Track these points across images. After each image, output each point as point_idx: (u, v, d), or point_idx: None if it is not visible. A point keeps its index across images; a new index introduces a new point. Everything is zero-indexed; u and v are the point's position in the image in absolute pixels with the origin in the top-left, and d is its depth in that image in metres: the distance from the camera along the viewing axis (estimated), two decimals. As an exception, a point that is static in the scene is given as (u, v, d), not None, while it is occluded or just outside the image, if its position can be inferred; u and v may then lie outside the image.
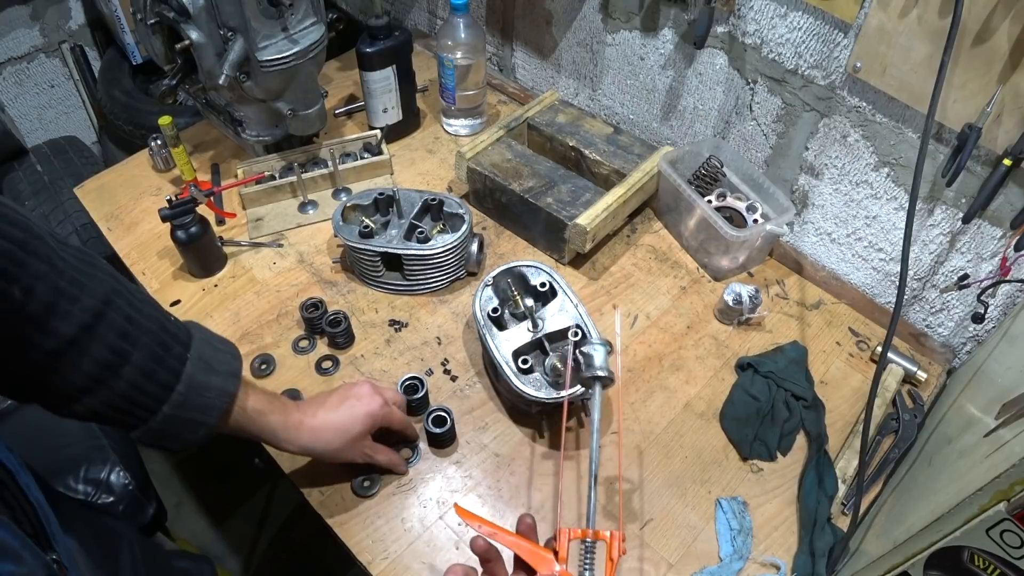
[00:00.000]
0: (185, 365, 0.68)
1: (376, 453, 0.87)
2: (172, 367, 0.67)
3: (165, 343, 0.67)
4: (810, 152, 1.11)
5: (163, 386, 0.67)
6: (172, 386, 0.67)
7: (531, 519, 0.67)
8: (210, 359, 0.71)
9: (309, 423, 0.80)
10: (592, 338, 0.81)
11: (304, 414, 0.80)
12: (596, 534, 0.66)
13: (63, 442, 1.15)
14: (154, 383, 0.66)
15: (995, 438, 0.70)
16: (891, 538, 0.74)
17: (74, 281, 0.60)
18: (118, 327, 0.63)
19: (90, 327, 0.61)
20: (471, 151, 1.23)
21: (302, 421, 0.80)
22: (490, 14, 1.51)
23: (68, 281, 0.59)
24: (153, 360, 0.66)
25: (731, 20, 1.09)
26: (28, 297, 0.57)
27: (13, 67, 1.94)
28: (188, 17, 1.05)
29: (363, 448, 0.85)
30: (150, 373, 0.65)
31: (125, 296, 0.65)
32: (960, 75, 0.86)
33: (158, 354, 0.66)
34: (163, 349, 0.67)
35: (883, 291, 1.15)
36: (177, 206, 1.07)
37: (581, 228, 1.10)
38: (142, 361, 0.65)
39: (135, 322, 0.64)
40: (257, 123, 1.27)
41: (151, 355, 0.65)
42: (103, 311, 0.62)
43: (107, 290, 0.63)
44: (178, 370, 0.68)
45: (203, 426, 0.70)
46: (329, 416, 0.82)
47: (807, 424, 0.99)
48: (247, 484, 1.80)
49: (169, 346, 0.67)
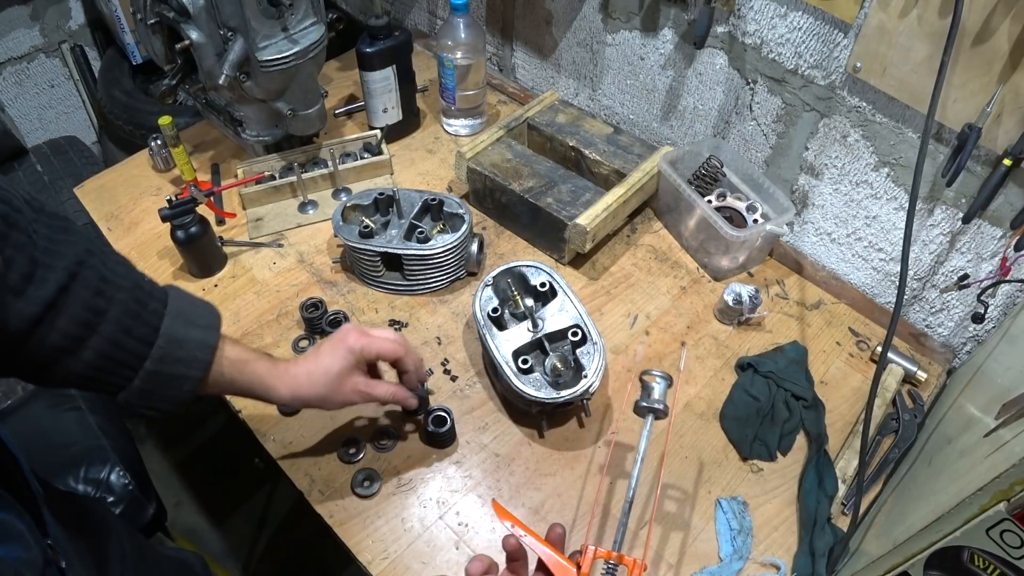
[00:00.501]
0: (163, 320, 0.68)
1: (372, 388, 0.84)
2: (150, 321, 0.67)
3: (141, 299, 0.68)
4: (810, 152, 1.11)
5: (142, 341, 0.67)
6: (151, 340, 0.67)
7: (562, 529, 0.68)
8: (188, 313, 0.71)
9: (293, 370, 0.80)
10: (655, 370, 0.82)
11: (289, 363, 0.81)
12: (620, 558, 0.69)
13: (63, 442, 1.15)
14: (133, 339, 0.66)
15: (995, 438, 0.70)
16: (891, 538, 0.74)
17: (48, 250, 0.61)
18: (92, 285, 0.64)
19: (65, 287, 0.62)
20: (471, 151, 1.23)
21: (287, 369, 0.80)
22: (490, 14, 1.51)
23: (42, 251, 0.61)
24: (130, 316, 0.66)
25: (731, 20, 1.09)
26: (8, 268, 0.58)
27: (13, 67, 1.94)
28: (188, 17, 1.05)
29: (355, 385, 0.83)
30: (128, 329, 0.66)
31: (99, 256, 0.65)
32: (960, 75, 0.86)
33: (134, 310, 0.66)
34: (139, 305, 0.67)
35: (883, 291, 1.15)
36: (177, 206, 1.07)
37: (581, 228, 1.10)
38: (119, 316, 0.65)
39: (109, 281, 0.65)
40: (257, 123, 1.27)
41: (127, 311, 0.66)
42: (77, 271, 0.63)
43: (80, 251, 0.64)
44: (156, 325, 0.68)
45: (188, 380, 0.70)
46: (310, 359, 0.81)
47: (807, 424, 0.99)
48: (247, 484, 1.80)
49: (145, 302, 0.68)
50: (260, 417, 0.98)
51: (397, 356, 0.85)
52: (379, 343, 0.83)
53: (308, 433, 0.97)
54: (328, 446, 0.95)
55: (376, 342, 0.83)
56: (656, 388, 0.80)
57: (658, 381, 0.81)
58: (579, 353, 0.95)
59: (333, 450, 0.95)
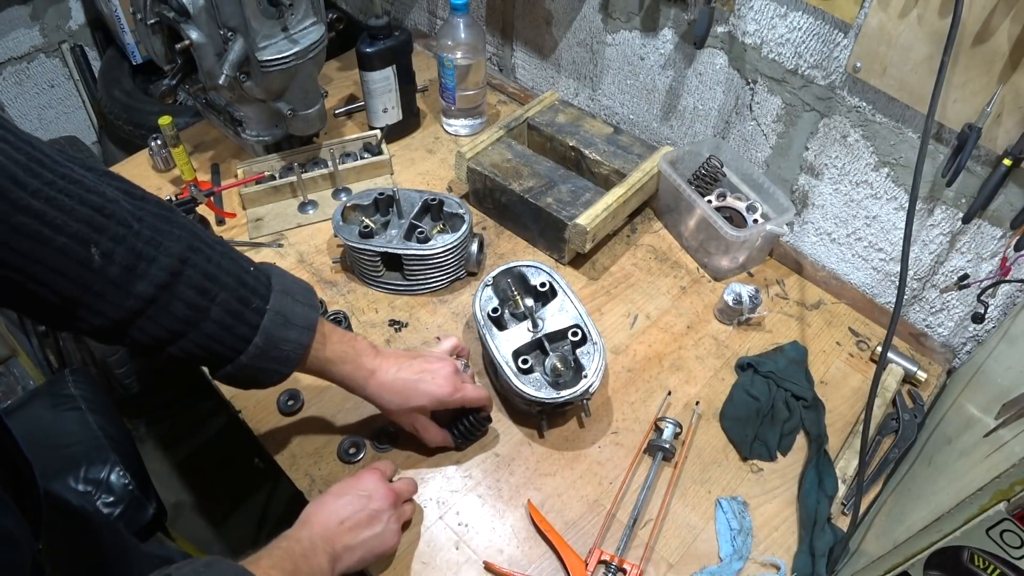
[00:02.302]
0: (263, 319, 0.70)
1: (425, 432, 0.89)
2: (250, 321, 0.69)
3: (243, 298, 0.68)
4: (810, 152, 1.11)
5: (241, 339, 0.69)
6: (249, 339, 0.69)
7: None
8: (288, 313, 0.72)
9: (379, 378, 0.82)
10: (667, 417, 0.97)
11: (378, 367, 0.82)
12: (622, 561, 0.83)
13: (63, 442, 1.15)
14: (232, 336, 0.68)
15: (995, 438, 0.70)
16: (891, 538, 0.74)
17: (151, 241, 0.62)
18: (196, 283, 0.65)
19: (168, 285, 0.63)
20: (471, 151, 1.23)
21: (373, 373, 0.82)
22: (490, 14, 1.51)
23: (145, 242, 0.61)
24: (231, 315, 0.67)
25: (731, 20, 1.09)
26: (108, 261, 0.59)
27: (13, 67, 1.94)
28: (188, 17, 1.05)
29: (414, 422, 0.87)
30: (228, 327, 0.67)
31: (204, 252, 0.66)
32: (960, 75, 0.86)
33: (236, 309, 0.68)
34: (241, 304, 0.68)
35: (883, 291, 1.15)
36: (177, 206, 1.07)
37: (581, 228, 1.10)
38: (221, 316, 0.67)
39: (213, 278, 0.66)
40: (257, 123, 1.27)
41: (229, 311, 0.67)
42: (180, 269, 0.63)
43: (184, 247, 0.64)
44: (256, 323, 0.69)
45: (278, 374, 0.73)
46: (400, 379, 0.83)
47: (807, 424, 0.99)
48: (247, 484, 1.80)
49: (248, 300, 0.69)
50: (260, 417, 0.98)
51: (482, 405, 0.90)
52: (468, 397, 0.87)
53: (308, 433, 0.97)
54: (328, 446, 0.95)
55: (463, 397, 0.87)
56: (666, 431, 0.95)
57: (667, 425, 0.95)
58: (579, 353, 0.95)
59: (333, 450, 0.95)
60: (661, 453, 0.94)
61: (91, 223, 0.58)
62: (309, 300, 0.76)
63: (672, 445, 0.94)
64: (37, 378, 1.54)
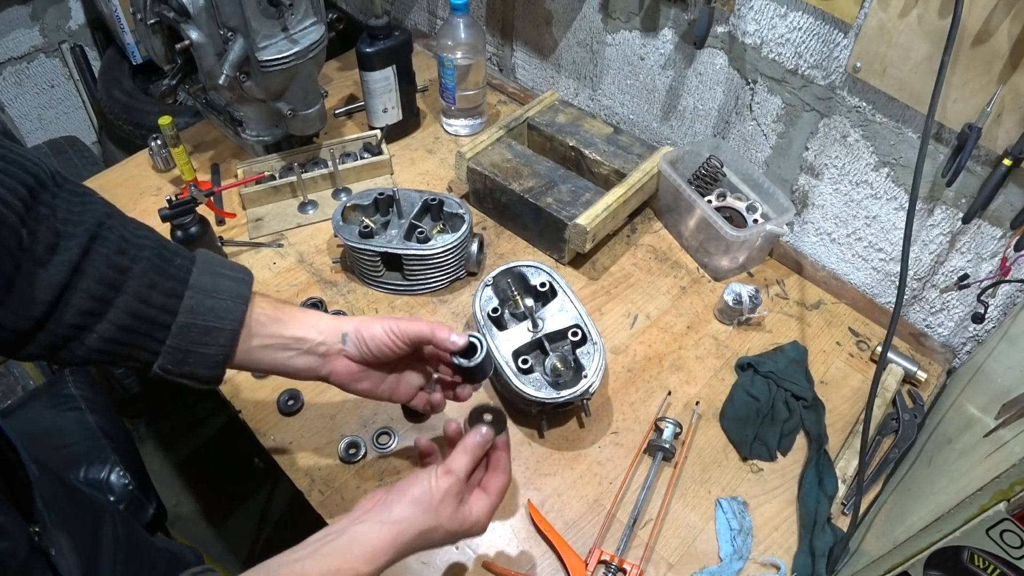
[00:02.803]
0: (191, 273, 0.66)
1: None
2: (176, 275, 0.66)
3: (166, 256, 0.66)
4: (810, 152, 1.11)
5: (170, 294, 0.65)
6: (180, 293, 0.65)
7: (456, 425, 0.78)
8: (218, 266, 0.69)
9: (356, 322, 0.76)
10: (667, 417, 0.97)
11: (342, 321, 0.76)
12: (622, 561, 0.84)
13: (63, 442, 1.15)
14: (160, 292, 0.64)
15: (995, 438, 0.70)
16: (891, 538, 0.74)
17: (69, 220, 0.61)
18: (114, 244, 0.63)
19: (87, 249, 0.61)
20: (471, 151, 1.23)
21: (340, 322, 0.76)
22: (490, 14, 1.51)
23: (63, 221, 0.60)
24: (156, 271, 0.64)
25: (731, 20, 1.09)
26: (33, 241, 0.58)
27: (13, 67, 1.94)
28: (188, 17, 1.05)
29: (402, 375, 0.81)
30: (154, 283, 0.64)
31: (119, 219, 0.65)
32: (960, 75, 0.86)
33: (160, 265, 0.65)
34: (164, 261, 0.66)
35: (883, 291, 1.15)
36: (177, 206, 1.07)
37: (581, 228, 1.10)
38: (145, 271, 0.64)
39: (131, 241, 0.64)
40: (257, 123, 1.27)
41: (153, 267, 0.64)
42: (97, 232, 0.62)
43: (100, 214, 0.63)
44: (184, 277, 0.66)
45: (222, 332, 0.67)
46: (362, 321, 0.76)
47: (807, 424, 0.99)
48: (247, 484, 1.80)
49: (170, 259, 0.66)
50: (260, 417, 0.98)
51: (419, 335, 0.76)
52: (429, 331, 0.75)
53: (308, 433, 0.97)
54: (328, 446, 0.95)
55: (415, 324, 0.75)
56: (666, 431, 0.95)
57: (667, 425, 0.95)
58: (579, 353, 0.95)
59: (333, 450, 0.95)
60: (661, 453, 0.94)
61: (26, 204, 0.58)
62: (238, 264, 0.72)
63: (672, 445, 0.94)
64: (37, 378, 1.54)
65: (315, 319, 0.75)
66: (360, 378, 0.77)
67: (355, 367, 0.76)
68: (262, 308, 0.71)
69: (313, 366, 0.75)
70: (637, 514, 0.88)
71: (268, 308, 0.72)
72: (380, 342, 0.74)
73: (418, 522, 0.66)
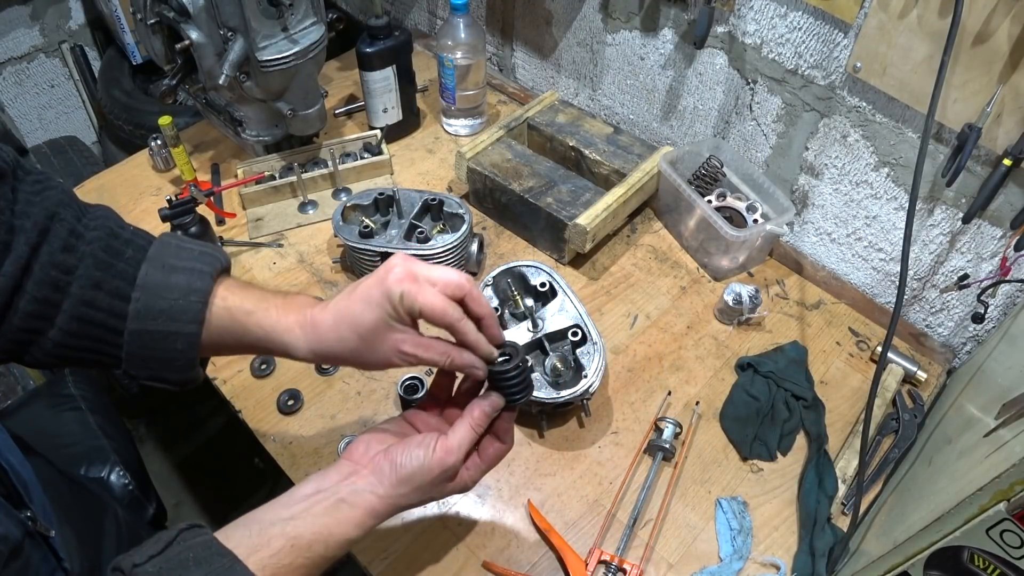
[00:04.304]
0: (139, 269, 0.61)
1: (423, 350, 0.63)
2: (123, 272, 0.60)
3: (114, 249, 0.61)
4: (810, 152, 1.11)
5: (115, 295, 0.60)
6: (125, 294, 0.60)
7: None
8: (171, 259, 0.62)
9: (317, 317, 0.64)
10: (667, 417, 0.97)
11: (316, 307, 0.65)
12: (622, 561, 0.84)
13: (63, 442, 1.14)
14: (104, 293, 0.59)
15: (995, 438, 0.70)
16: (891, 538, 0.74)
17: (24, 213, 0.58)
18: (61, 241, 0.59)
19: (36, 246, 0.57)
20: (471, 151, 1.23)
21: (309, 318, 0.64)
22: (490, 14, 1.51)
23: (19, 214, 0.57)
24: (100, 268, 0.60)
25: (731, 20, 1.09)
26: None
27: (13, 67, 1.94)
28: (188, 17, 1.05)
29: (397, 344, 0.62)
30: (98, 283, 0.59)
31: (72, 208, 0.61)
32: (960, 75, 0.86)
33: (106, 261, 0.60)
34: (112, 255, 0.61)
35: (883, 291, 1.15)
36: (177, 206, 1.07)
37: (581, 228, 1.10)
38: (88, 271, 0.59)
39: (79, 235, 0.60)
40: (257, 123, 1.27)
41: (98, 263, 0.60)
42: (48, 226, 0.58)
43: (51, 205, 0.59)
44: (131, 275, 0.60)
45: (180, 337, 0.60)
46: (341, 303, 0.63)
47: (807, 424, 0.99)
48: (247, 484, 1.80)
49: (119, 251, 0.61)
50: (260, 417, 0.98)
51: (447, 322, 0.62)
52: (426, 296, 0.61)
53: (308, 433, 0.97)
54: (328, 446, 0.95)
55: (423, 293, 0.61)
56: (666, 430, 0.95)
57: (667, 425, 0.95)
58: (579, 353, 0.95)
59: (333, 450, 0.95)
60: (661, 453, 0.94)
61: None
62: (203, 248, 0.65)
63: (672, 445, 0.94)
64: (37, 378, 1.54)
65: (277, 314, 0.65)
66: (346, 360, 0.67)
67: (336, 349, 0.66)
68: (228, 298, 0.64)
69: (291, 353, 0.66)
70: (637, 514, 0.88)
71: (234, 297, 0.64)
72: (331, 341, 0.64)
73: (409, 497, 0.62)
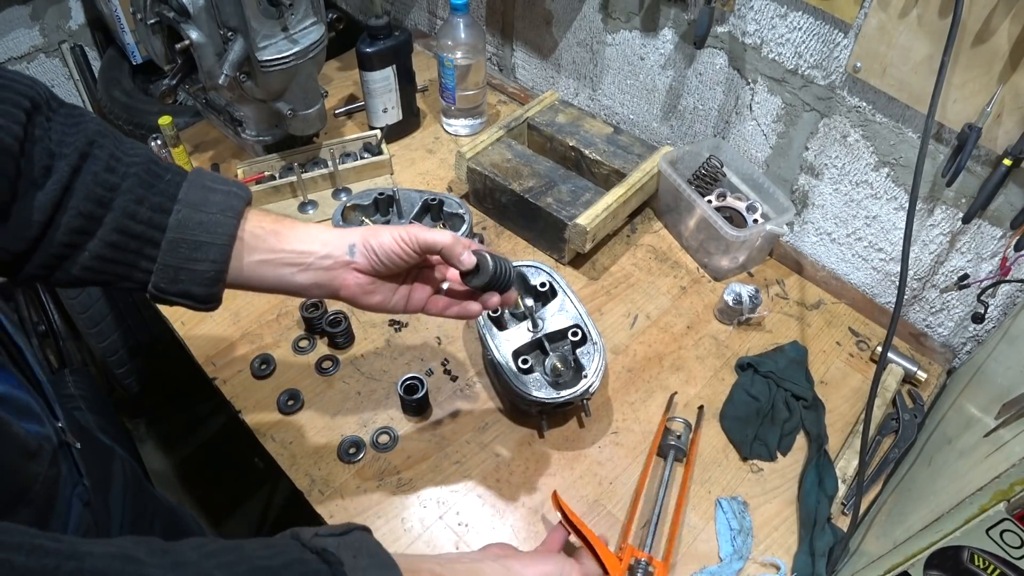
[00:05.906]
0: (181, 188, 0.66)
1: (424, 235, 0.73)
2: (165, 190, 0.65)
3: (156, 172, 0.66)
4: (810, 152, 1.11)
5: (158, 209, 0.64)
6: (168, 208, 0.65)
7: None
8: (208, 180, 0.68)
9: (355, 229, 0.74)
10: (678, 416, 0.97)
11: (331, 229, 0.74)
12: (651, 559, 0.83)
13: (63, 442, 1.15)
14: (148, 208, 0.64)
15: (995, 438, 0.70)
16: (891, 538, 0.74)
17: (62, 141, 0.61)
18: (103, 162, 0.63)
19: (77, 168, 0.61)
20: (471, 151, 1.23)
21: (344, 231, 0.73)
22: (490, 14, 1.51)
23: (57, 143, 0.61)
24: (144, 186, 0.64)
25: (731, 20, 1.09)
26: (29, 163, 0.59)
27: (13, 67, 1.94)
28: (188, 17, 1.05)
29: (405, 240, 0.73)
30: (142, 199, 0.64)
31: (111, 136, 0.65)
32: (960, 75, 0.86)
33: (148, 181, 0.65)
34: (154, 177, 0.65)
35: (883, 291, 1.15)
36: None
37: (581, 228, 1.10)
38: (133, 187, 0.64)
39: (120, 158, 0.64)
40: (257, 123, 1.27)
41: (142, 182, 0.64)
42: (88, 151, 0.62)
43: (91, 132, 0.63)
44: (173, 192, 0.65)
45: (213, 248, 0.66)
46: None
47: (807, 424, 0.99)
48: (247, 484, 1.80)
49: (160, 174, 0.66)
50: (260, 417, 0.98)
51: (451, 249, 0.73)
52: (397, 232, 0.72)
53: (308, 433, 0.97)
54: (328, 446, 0.95)
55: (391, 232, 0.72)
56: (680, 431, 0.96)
57: (681, 424, 0.97)
58: (579, 353, 0.95)
59: (333, 450, 0.95)
60: (673, 452, 0.94)
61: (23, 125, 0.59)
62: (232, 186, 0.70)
63: (685, 445, 0.95)
64: (37, 378, 1.54)
65: (318, 231, 0.72)
66: (371, 291, 0.74)
67: (365, 279, 0.73)
68: (258, 221, 0.70)
69: (320, 281, 0.72)
70: (659, 512, 0.88)
71: (266, 222, 0.70)
72: (389, 249, 0.72)
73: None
